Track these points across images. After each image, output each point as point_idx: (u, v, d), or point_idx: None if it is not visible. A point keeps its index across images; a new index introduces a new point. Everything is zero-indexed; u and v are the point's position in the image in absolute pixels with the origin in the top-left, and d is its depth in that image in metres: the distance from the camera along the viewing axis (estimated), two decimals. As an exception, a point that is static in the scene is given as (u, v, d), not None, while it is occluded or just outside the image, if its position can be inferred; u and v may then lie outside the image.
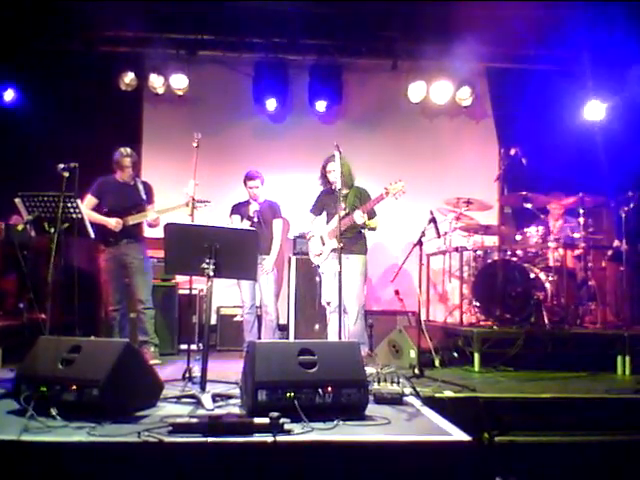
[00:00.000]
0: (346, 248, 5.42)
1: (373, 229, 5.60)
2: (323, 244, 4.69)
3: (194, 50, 7.26)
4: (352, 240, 5.48)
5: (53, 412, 3.02)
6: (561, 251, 5.91)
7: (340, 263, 4.44)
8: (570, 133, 7.18)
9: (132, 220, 5.48)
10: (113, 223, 5.42)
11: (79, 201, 4.63)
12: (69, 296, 4.52)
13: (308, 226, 5.84)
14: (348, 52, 7.45)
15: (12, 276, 5.74)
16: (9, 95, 6.89)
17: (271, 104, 7.35)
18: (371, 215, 5.49)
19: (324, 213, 5.72)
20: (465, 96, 7.50)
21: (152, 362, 5.26)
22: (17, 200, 4.57)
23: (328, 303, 4.66)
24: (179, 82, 7.20)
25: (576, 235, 6.07)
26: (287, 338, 6.66)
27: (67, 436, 2.77)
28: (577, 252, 6.10)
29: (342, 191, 5.55)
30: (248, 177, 6.19)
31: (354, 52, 7.46)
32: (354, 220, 5.35)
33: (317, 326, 6.61)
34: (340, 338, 4.57)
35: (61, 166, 4.35)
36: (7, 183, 6.01)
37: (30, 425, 2.87)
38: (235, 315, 6.87)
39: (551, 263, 5.91)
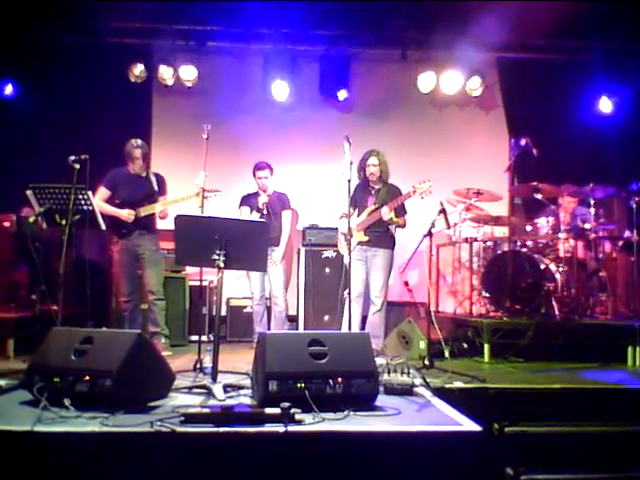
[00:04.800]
0: (374, 242, 5.53)
1: (400, 226, 5.65)
2: (350, 236, 4.77)
3: (203, 41, 7.25)
4: (380, 234, 5.61)
5: (66, 403, 3.04)
6: (572, 242, 5.89)
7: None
8: (581, 123, 7.14)
9: (144, 211, 5.50)
10: (125, 214, 5.45)
11: (90, 193, 4.65)
12: (81, 288, 4.56)
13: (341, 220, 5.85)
14: (357, 42, 7.42)
15: (24, 268, 5.76)
16: (8, 90, 6.92)
17: (281, 94, 7.33)
18: (399, 212, 5.55)
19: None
20: (475, 86, 7.45)
21: (163, 353, 5.29)
22: (28, 192, 4.60)
23: (349, 293, 4.71)
24: (188, 73, 7.21)
25: (587, 225, 6.04)
26: (296, 329, 6.68)
27: (80, 426, 2.80)
28: (590, 237, 6.04)
29: (376, 186, 5.65)
30: (257, 168, 6.21)
31: (363, 42, 7.43)
32: (381, 215, 5.40)
33: (326, 317, 6.63)
34: (350, 329, 4.59)
35: (72, 158, 4.38)
36: (18, 175, 6.06)
37: (43, 416, 2.89)
38: (245, 306, 6.89)
39: (561, 254, 5.88)
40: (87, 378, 3.13)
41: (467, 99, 7.67)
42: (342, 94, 7.40)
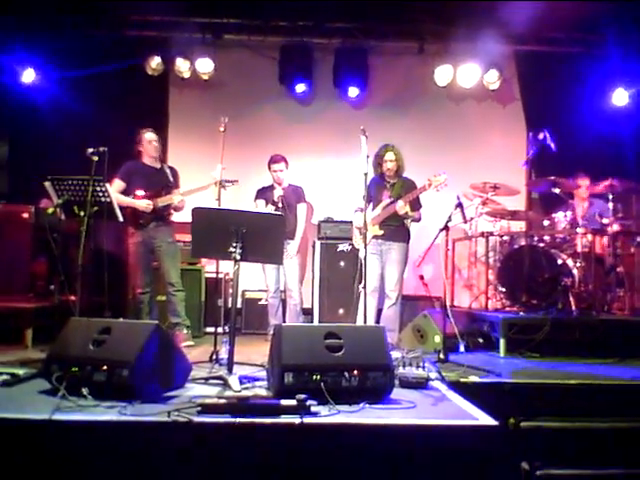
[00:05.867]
0: (389, 236, 5.52)
1: (416, 220, 5.65)
2: (365, 230, 4.76)
3: (220, 34, 7.27)
4: (395, 228, 5.61)
5: (84, 392, 3.07)
6: (589, 237, 5.83)
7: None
8: (600, 117, 7.06)
9: (161, 202, 5.53)
10: (143, 205, 5.48)
11: (108, 185, 4.68)
12: (98, 278, 4.60)
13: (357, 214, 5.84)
14: (374, 35, 7.39)
15: (43, 259, 5.83)
16: (28, 76, 6.88)
17: (298, 88, 7.34)
18: (414, 206, 5.54)
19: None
20: (493, 79, 7.39)
21: (185, 344, 5.36)
22: (47, 184, 4.63)
23: (364, 287, 4.71)
24: (205, 66, 7.22)
25: (605, 221, 5.98)
26: (311, 322, 6.69)
27: (98, 415, 2.83)
28: (608, 233, 5.97)
29: (391, 180, 5.65)
30: (272, 161, 6.21)
31: (380, 35, 7.40)
32: (396, 209, 5.38)
33: (341, 310, 6.63)
34: (366, 322, 4.60)
35: (90, 150, 4.41)
36: (36, 167, 6.11)
37: (62, 405, 2.93)
38: (260, 299, 6.90)
39: (579, 249, 5.83)
40: (105, 368, 3.16)
41: (484, 92, 7.62)
42: (353, 91, 7.38)
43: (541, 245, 5.92)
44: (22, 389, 3.47)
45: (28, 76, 6.89)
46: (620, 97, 7.21)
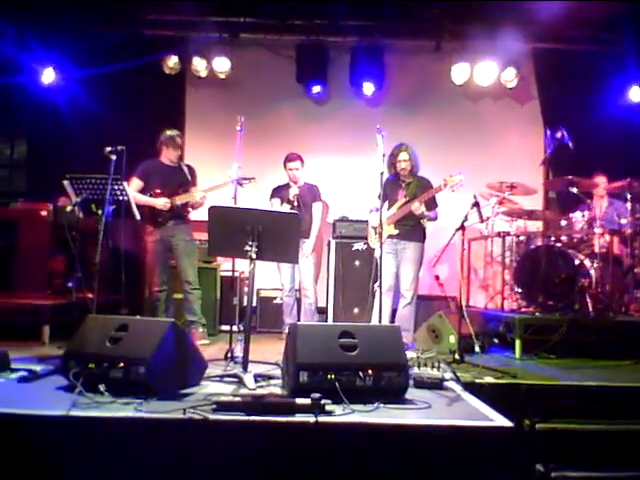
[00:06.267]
0: (404, 235, 5.52)
1: (432, 219, 5.65)
2: (381, 229, 4.76)
3: (236, 33, 7.28)
4: (411, 228, 5.60)
5: (101, 388, 3.09)
6: (607, 237, 5.78)
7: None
8: (618, 116, 6.99)
9: (179, 200, 5.56)
10: (162, 203, 5.51)
11: (125, 184, 4.72)
12: (115, 276, 4.64)
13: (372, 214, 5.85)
14: (390, 33, 7.35)
15: (60, 256, 5.89)
16: (48, 76, 6.87)
17: (314, 89, 7.36)
18: (430, 205, 5.53)
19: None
20: (510, 77, 7.34)
21: (201, 342, 5.38)
22: (65, 182, 4.68)
23: (379, 286, 4.71)
24: (221, 65, 7.24)
25: (623, 221, 5.92)
26: (326, 321, 6.69)
27: (115, 412, 2.85)
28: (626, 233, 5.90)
29: (406, 180, 5.65)
30: (288, 159, 6.22)
31: (396, 33, 7.37)
32: (412, 210, 5.39)
33: (356, 310, 6.62)
34: (381, 321, 4.59)
35: (108, 149, 4.45)
36: (54, 165, 6.18)
37: (79, 401, 2.95)
38: (275, 297, 6.91)
39: (597, 249, 5.78)
40: (121, 365, 3.19)
41: (502, 91, 7.56)
42: (369, 88, 7.35)
43: (558, 245, 5.87)
44: (39, 385, 3.52)
45: (47, 76, 6.90)
46: (637, 95, 7.13)
